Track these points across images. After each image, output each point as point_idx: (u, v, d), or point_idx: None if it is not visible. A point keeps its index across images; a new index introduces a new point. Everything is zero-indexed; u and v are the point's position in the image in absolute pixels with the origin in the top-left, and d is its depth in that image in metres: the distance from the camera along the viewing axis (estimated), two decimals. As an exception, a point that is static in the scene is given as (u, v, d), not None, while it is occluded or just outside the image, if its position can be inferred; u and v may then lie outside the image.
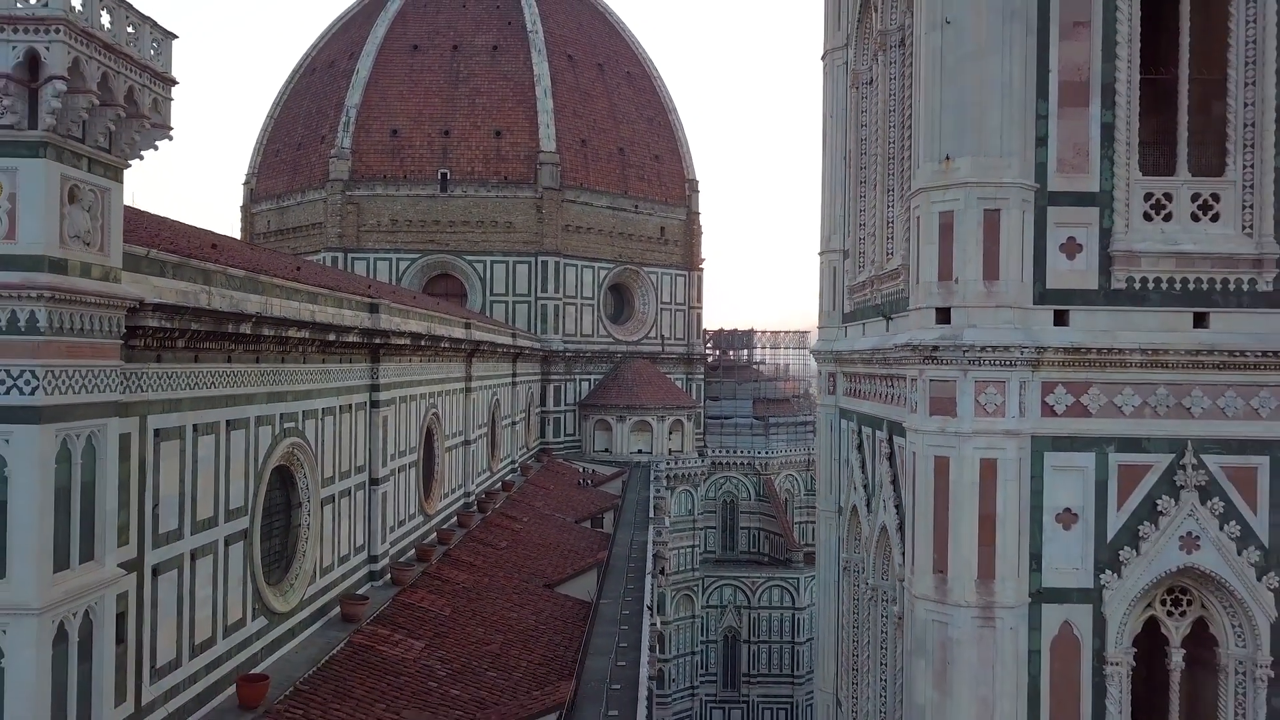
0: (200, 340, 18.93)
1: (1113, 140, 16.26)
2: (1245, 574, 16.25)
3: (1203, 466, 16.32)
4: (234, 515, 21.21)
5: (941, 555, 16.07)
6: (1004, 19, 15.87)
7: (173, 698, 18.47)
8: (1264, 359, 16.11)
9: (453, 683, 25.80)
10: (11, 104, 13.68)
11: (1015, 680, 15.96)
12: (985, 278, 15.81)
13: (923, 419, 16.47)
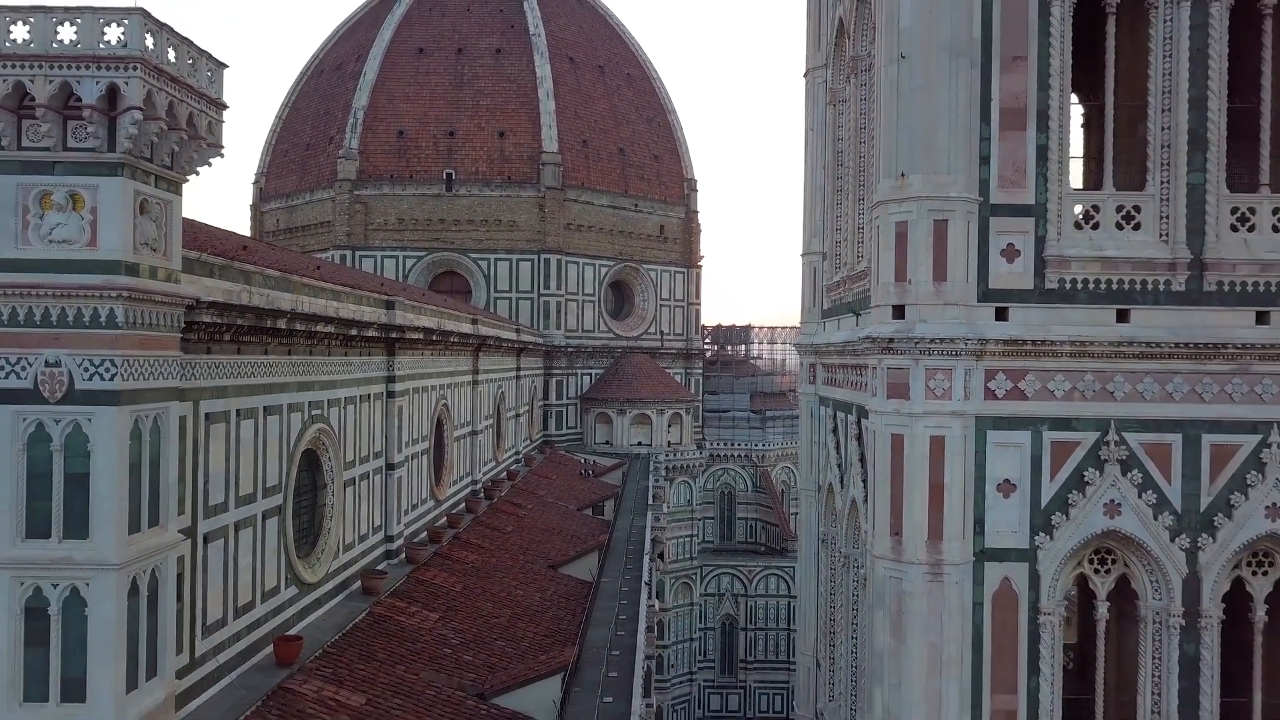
0: (242, 334, 21.65)
1: (1046, 159, 18.89)
2: (1160, 536, 18.92)
3: (1124, 443, 18.97)
4: (270, 493, 23.92)
5: (897, 520, 18.74)
6: (951, 55, 18.49)
7: (220, 652, 21.18)
8: (1177, 349, 18.77)
9: (465, 649, 28.45)
10: (94, 130, 16.29)
11: (961, 628, 18.63)
12: (935, 279, 18.46)
13: (881, 402, 19.14)
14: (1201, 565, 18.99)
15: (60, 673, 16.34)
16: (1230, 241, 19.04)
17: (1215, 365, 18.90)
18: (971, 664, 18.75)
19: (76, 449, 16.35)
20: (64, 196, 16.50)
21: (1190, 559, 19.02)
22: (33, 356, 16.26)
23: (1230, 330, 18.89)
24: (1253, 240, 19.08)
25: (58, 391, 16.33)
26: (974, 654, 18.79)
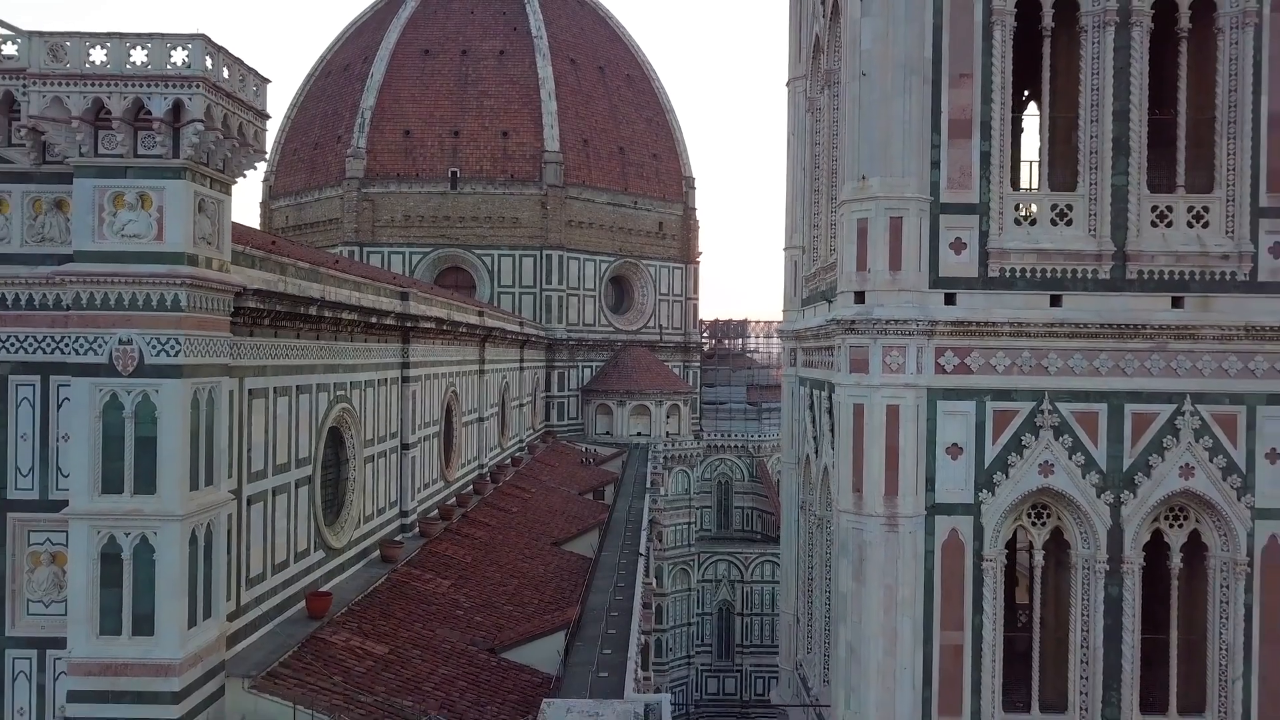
0: (279, 319, 24.66)
1: (989, 164, 21.86)
2: (1088, 493, 21.91)
3: (1056, 411, 21.96)
4: (301, 463, 26.95)
5: (858, 478, 21.72)
6: (905, 73, 21.45)
7: (260, 603, 24.22)
8: (1102, 330, 21.75)
9: (475, 611, 31.46)
10: (161, 139, 19.33)
11: (914, 573, 21.61)
12: (891, 268, 21.44)
13: (845, 376, 22.13)
14: (1124, 518, 22.00)
15: (132, 610, 19.32)
16: (1150, 235, 22.06)
17: (1136, 344, 21.92)
18: (923, 604, 21.73)
19: (145, 416, 19.34)
20: (134, 197, 19.49)
21: (1114, 513, 22.01)
22: (108, 335, 19.24)
23: (1149, 313, 21.90)
24: (1170, 234, 22.10)
25: (129, 366, 19.30)
26: (925, 595, 21.77)
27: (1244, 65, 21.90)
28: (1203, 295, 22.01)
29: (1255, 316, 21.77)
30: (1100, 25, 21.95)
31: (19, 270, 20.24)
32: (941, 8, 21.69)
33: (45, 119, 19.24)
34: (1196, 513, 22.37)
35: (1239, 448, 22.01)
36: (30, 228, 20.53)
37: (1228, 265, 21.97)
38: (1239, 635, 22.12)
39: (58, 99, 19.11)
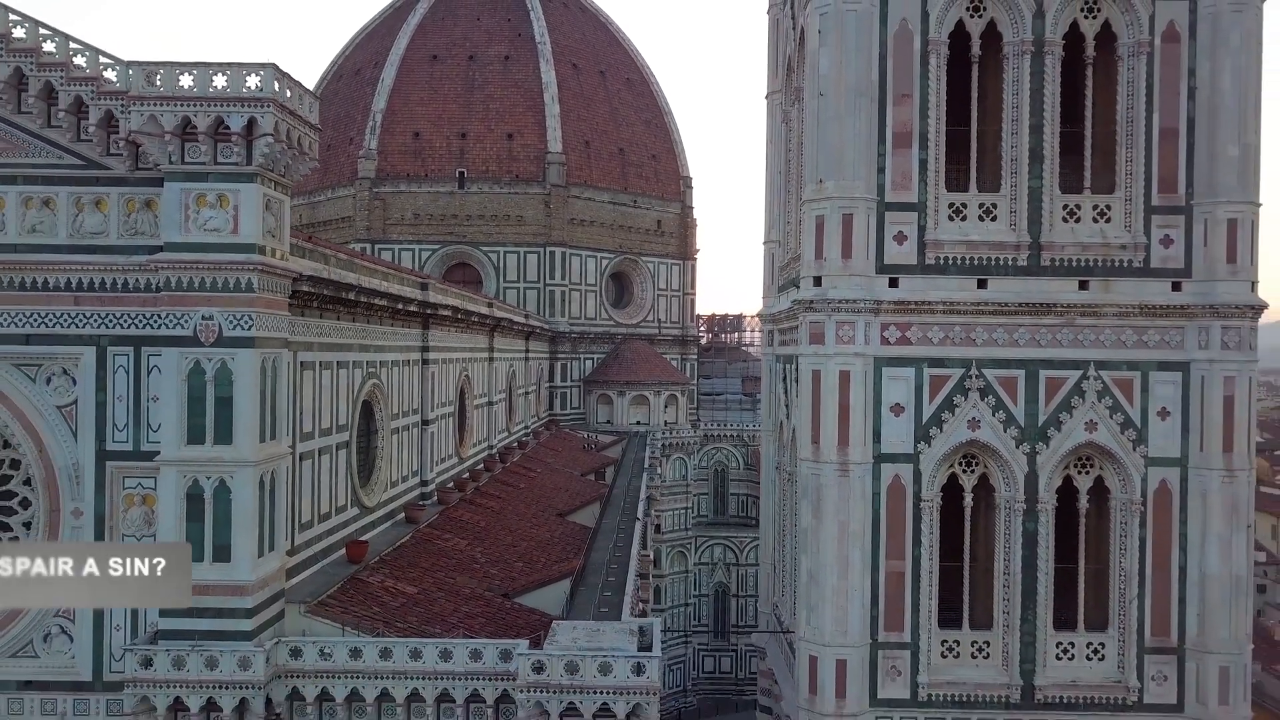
0: (324, 303, 29.32)
1: (926, 169, 26.62)
2: (1009, 444, 26.69)
3: (982, 376, 26.75)
4: (341, 430, 31.64)
5: (816, 432, 26.49)
6: (856, 93, 26.21)
7: (310, 546, 28.89)
8: (1021, 308, 26.56)
9: (490, 566, 36.05)
10: (237, 150, 23.98)
11: (863, 511, 26.38)
12: (843, 257, 26.21)
13: (805, 348, 26.90)
14: (1039, 466, 26.80)
15: (212, 540, 23.97)
16: (1061, 229, 26.86)
17: (1049, 320, 26.72)
18: (871, 537, 26.51)
19: (224, 380, 24.02)
20: (214, 197, 24.18)
21: (1031, 461, 26.79)
22: (193, 313, 23.92)
23: (1060, 294, 26.70)
24: (1077, 229, 26.90)
25: (211, 338, 23.98)
26: (873, 530, 26.54)
27: (1139, 87, 26.69)
28: (1105, 279, 26.81)
29: (1148, 297, 26.61)
30: (1019, 54, 26.76)
31: (116, 259, 24.86)
32: (886, 39, 26.49)
33: (142, 133, 23.92)
34: (1100, 461, 27.16)
35: (1135, 407, 26.81)
36: (124, 223, 25.14)
37: (1125, 254, 26.78)
38: (1135, 563, 26.91)
39: (153, 117, 23.76)
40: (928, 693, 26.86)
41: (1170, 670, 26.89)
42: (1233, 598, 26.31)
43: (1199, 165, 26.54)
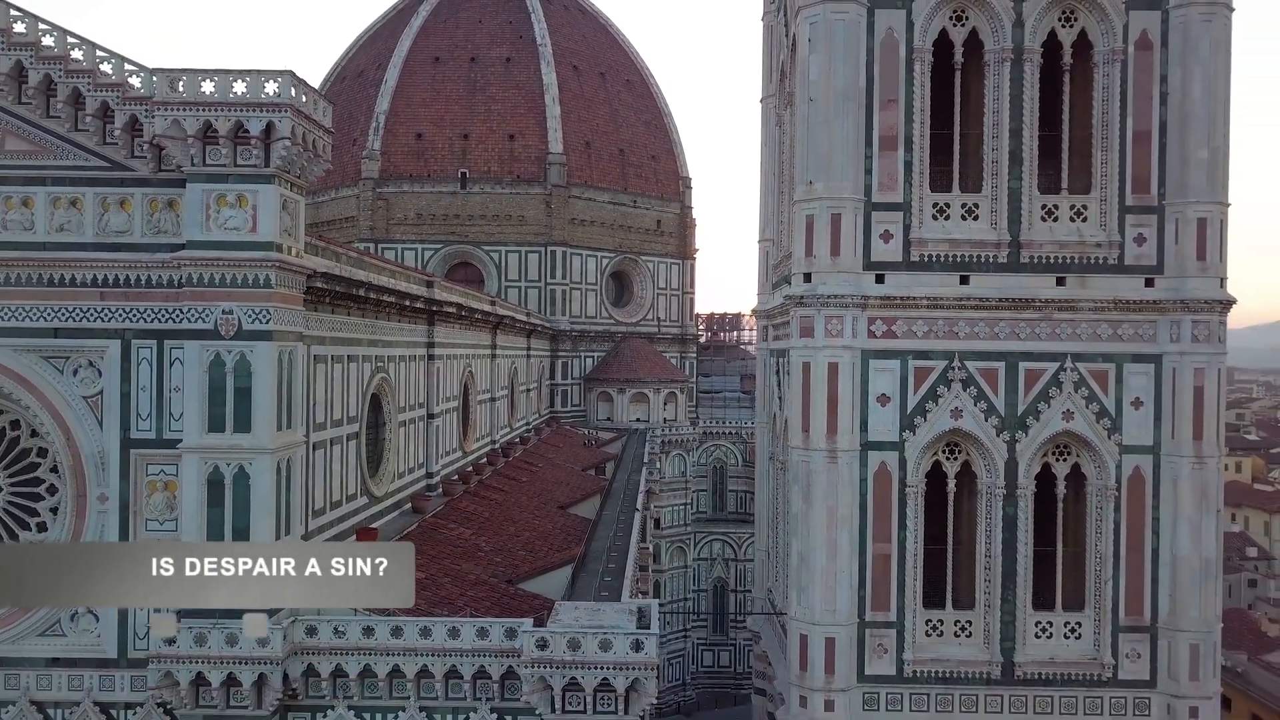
0: (336, 299, 30.80)
1: (911, 171, 28.11)
2: (990, 433, 28.19)
3: (965, 368, 28.23)
4: (351, 421, 33.13)
5: (806, 421, 27.98)
6: (844, 98, 27.70)
7: (322, 532, 30.38)
8: (1001, 303, 28.04)
9: (494, 554, 37.53)
10: (256, 153, 25.42)
11: (851, 496, 27.87)
12: (832, 254, 27.69)
13: (796, 341, 28.40)
14: (1019, 453, 28.29)
15: (232, 524, 25.46)
16: (1039, 228, 28.35)
17: (1028, 314, 28.20)
18: (859, 521, 28.02)
19: (243, 371, 25.50)
20: (234, 198, 25.65)
21: (1010, 449, 28.29)
22: (213, 307, 25.41)
23: (1038, 290, 28.19)
24: (1055, 227, 28.41)
25: (231, 331, 25.46)
26: (860, 514, 28.05)
27: (1113, 92, 28.18)
28: (1081, 275, 28.31)
29: (1122, 292, 28.11)
30: (1000, 61, 28.26)
31: (140, 256, 26.32)
32: (873, 47, 27.99)
33: (166, 137, 25.43)
34: (1076, 449, 28.66)
35: (1110, 396, 28.30)
36: (148, 222, 26.61)
37: (1101, 252, 28.27)
38: (1110, 546, 28.40)
39: (176, 121, 25.26)
40: (913, 669, 28.36)
41: (1143, 648, 28.39)
42: (1202, 579, 27.79)
43: (1170, 167, 28.03)
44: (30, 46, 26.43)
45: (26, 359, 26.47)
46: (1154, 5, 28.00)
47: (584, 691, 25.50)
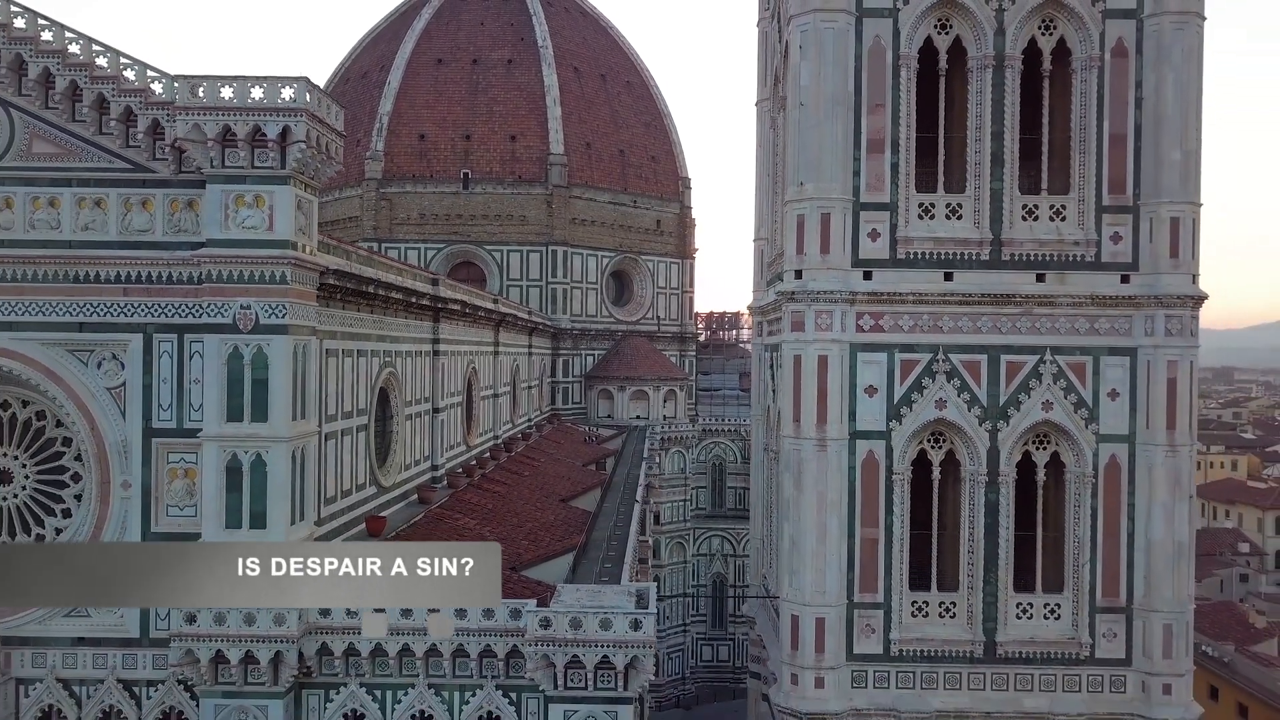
0: (347, 295, 32.22)
1: (898, 173, 29.60)
2: (973, 422, 29.68)
3: (949, 360, 29.72)
4: (361, 413, 34.57)
5: (797, 411, 29.49)
6: (833, 103, 29.20)
7: (334, 519, 31.82)
8: (983, 298, 29.56)
9: (499, 542, 38.89)
10: (273, 155, 26.84)
11: (840, 483, 29.36)
12: (822, 252, 29.17)
13: (787, 335, 29.88)
14: (1000, 442, 29.79)
15: (249, 509, 26.82)
16: (1020, 227, 29.85)
17: (1009, 309, 29.71)
18: (847, 507, 29.51)
19: (260, 363, 26.89)
20: (252, 198, 27.04)
21: (992, 438, 29.78)
22: (232, 302, 26.80)
23: (1018, 285, 29.68)
24: (1035, 226, 29.93)
25: (248, 325, 26.85)
26: (849, 500, 29.54)
27: (1091, 97, 29.69)
28: (1060, 272, 29.81)
29: (1099, 289, 29.61)
30: (982, 67, 29.78)
31: (161, 254, 27.74)
32: (861, 54, 29.50)
33: (187, 140, 26.83)
34: (1055, 438, 30.15)
35: (1087, 388, 29.81)
36: (169, 222, 28.04)
37: (1079, 249, 29.78)
38: (1087, 531, 29.90)
39: (197, 125, 26.66)
40: (899, 648, 29.86)
41: (1119, 628, 29.88)
42: (1175, 562, 29.28)
43: (1145, 169, 29.55)
44: (57, 54, 27.89)
45: (53, 352, 27.87)
46: (1129, 14, 29.51)
47: (585, 669, 26.86)
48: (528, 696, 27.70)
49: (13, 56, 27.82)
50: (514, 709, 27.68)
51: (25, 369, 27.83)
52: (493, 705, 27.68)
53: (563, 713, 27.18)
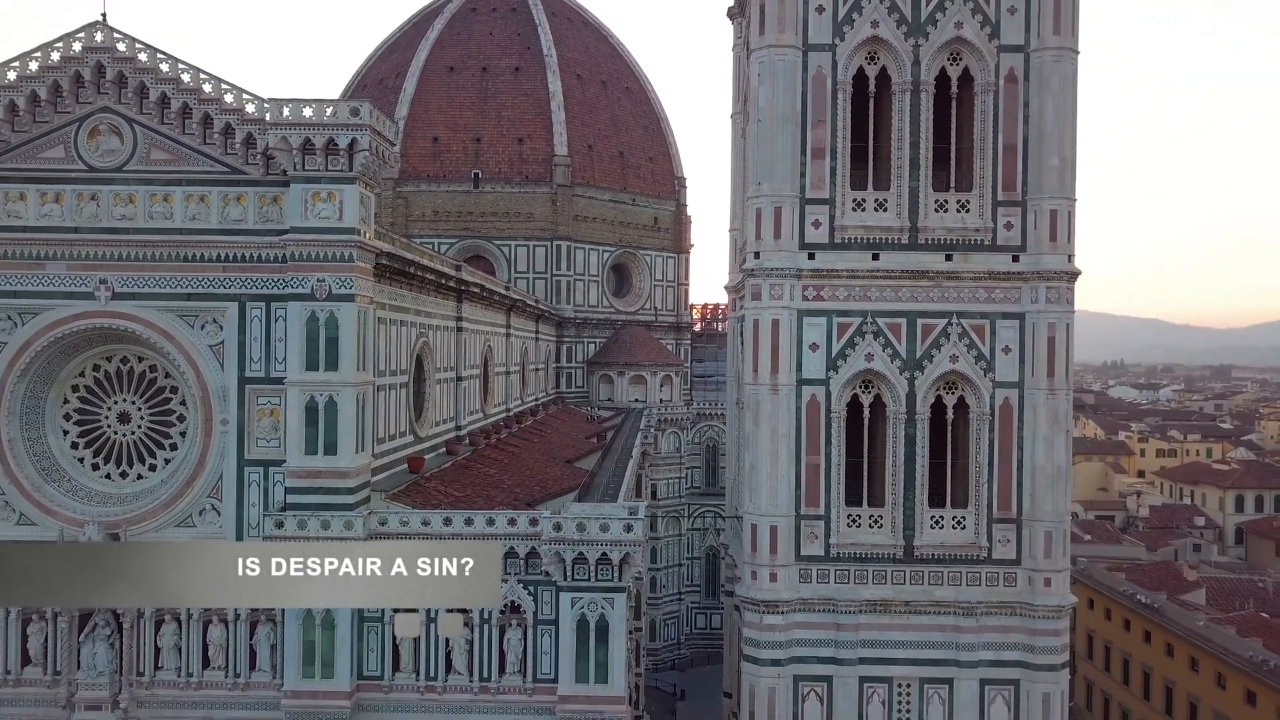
0: (393, 274, 40.99)
1: (835, 175, 38.63)
2: (895, 372, 38.76)
3: (876, 323, 38.79)
4: (403, 373, 43.48)
5: (755, 363, 38.57)
6: (784, 120, 38.22)
7: (384, 456, 40.63)
8: (903, 274, 38.62)
9: (515, 486, 47.76)
10: (343, 161, 35.68)
11: (790, 420, 38.43)
12: (775, 238, 38.21)
13: (749, 304, 39.00)
14: (917, 387, 38.85)
15: (323, 439, 35.70)
16: (933, 218, 38.87)
17: (924, 282, 38.74)
18: (795, 439, 38.52)
19: (331, 325, 35.71)
20: (326, 194, 35.88)
21: (911, 384, 38.81)
22: (310, 276, 35.65)
23: (931, 264, 38.75)
24: (945, 217, 38.98)
25: (323, 294, 35.66)
26: (797, 433, 38.56)
27: (989, 115, 38.67)
28: (964, 253, 38.82)
29: (994, 266, 38.67)
30: (903, 91, 38.83)
31: (252, 239, 36.61)
32: (806, 80, 38.51)
33: (276, 149, 35.64)
34: (961, 385, 39.16)
35: (986, 345, 38.81)
36: (259, 213, 36.86)
37: (979, 235, 38.78)
38: (986, 458, 38.86)
39: (284, 137, 35.49)
40: (837, 550, 38.90)
41: (1011, 535, 38.85)
42: (1054, 482, 38.21)
43: (1031, 171, 38.48)
44: (171, 81, 36.81)
45: (166, 317, 36.71)
46: (1019, 49, 38.52)
47: (588, 563, 35.50)
48: (543, 589, 36.35)
49: (137, 83, 36.65)
50: (532, 598, 36.35)
51: (145, 330, 36.67)
52: (515, 596, 36.37)
53: (570, 600, 35.88)
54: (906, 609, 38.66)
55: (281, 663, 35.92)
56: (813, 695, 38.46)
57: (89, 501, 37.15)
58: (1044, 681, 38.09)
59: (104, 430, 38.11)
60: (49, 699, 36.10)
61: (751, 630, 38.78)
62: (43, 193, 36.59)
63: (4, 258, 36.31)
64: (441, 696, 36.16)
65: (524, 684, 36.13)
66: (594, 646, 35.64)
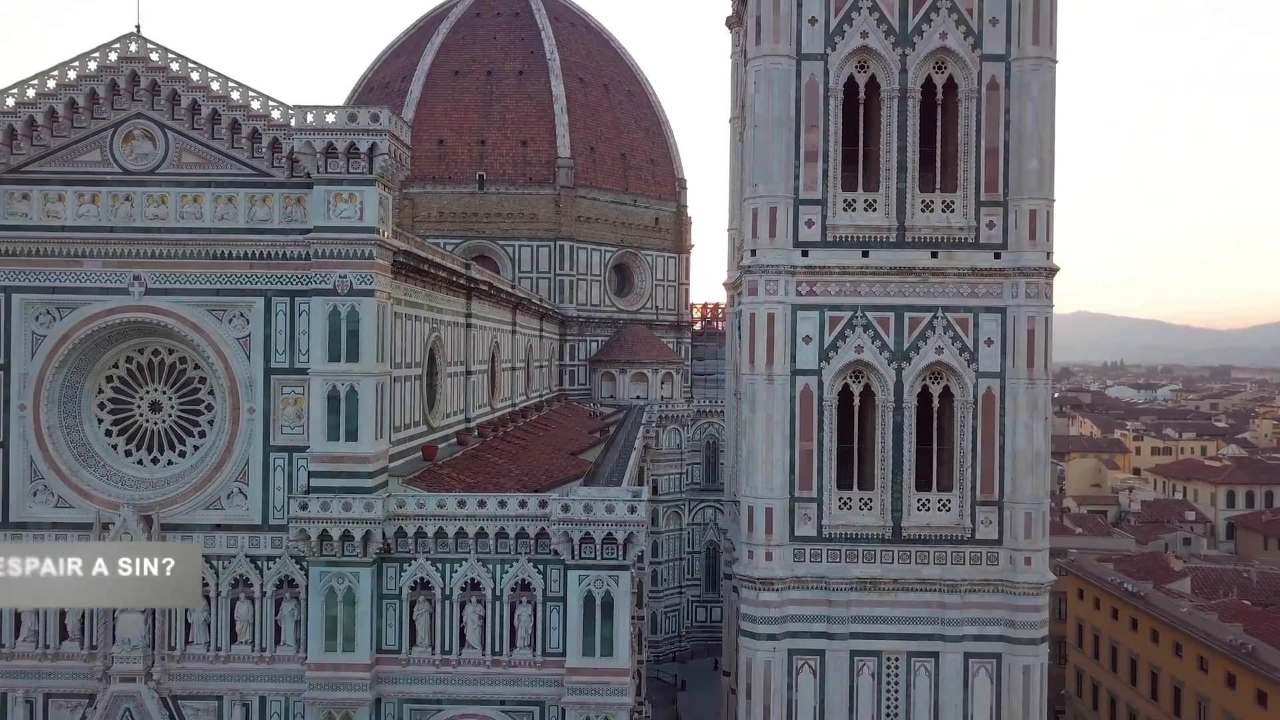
0: (408, 271, 43.55)
1: (827, 177, 41.22)
2: (884, 363, 41.32)
3: (865, 317, 41.40)
4: (417, 366, 46.04)
5: (752, 354, 41.16)
6: (779, 125, 40.79)
7: (400, 444, 43.11)
8: (892, 271, 41.23)
9: (522, 475, 50.34)
10: (363, 164, 38.24)
11: (784, 408, 41.01)
12: (770, 236, 40.81)
13: (746, 299, 41.58)
14: (904, 377, 41.43)
15: (345, 426, 38.26)
16: (919, 217, 41.48)
17: (910, 278, 41.32)
18: (789, 426, 41.11)
19: (353, 318, 38.25)
20: (347, 195, 38.44)
21: (898, 374, 41.39)
22: (332, 273, 38.19)
23: (918, 261, 41.36)
24: (931, 216, 41.59)
25: (345, 289, 38.20)
26: (790, 420, 41.17)
27: (972, 120, 41.28)
28: (949, 250, 41.43)
29: (977, 263, 41.30)
30: (891, 97, 41.44)
31: (278, 238, 39.11)
32: (800, 88, 41.10)
33: (300, 153, 38.16)
34: (946, 375, 41.76)
35: (969, 337, 41.41)
36: (283, 213, 39.36)
37: (963, 234, 41.37)
38: (970, 444, 41.45)
39: (308, 142, 38.02)
40: (828, 531, 41.52)
41: (993, 516, 41.46)
42: (1033, 466, 40.81)
43: (1012, 173, 41.08)
44: (201, 89, 39.31)
45: (196, 311, 39.19)
46: (1000, 58, 41.12)
47: (594, 542, 37.99)
48: (551, 568, 38.86)
49: (170, 91, 39.16)
50: (541, 577, 38.88)
51: (177, 324, 39.15)
52: (525, 574, 38.90)
53: (577, 578, 38.40)
54: (895, 586, 41.24)
55: (305, 637, 38.43)
56: (806, 668, 41.03)
57: (123, 485, 39.58)
58: (1024, 654, 40.71)
59: (136, 418, 40.56)
60: (85, 671, 38.59)
61: (748, 607, 41.37)
62: (80, 194, 39.05)
63: (43, 255, 38.77)
64: (456, 669, 38.68)
65: (534, 657, 38.61)
66: (599, 622, 38.10)
